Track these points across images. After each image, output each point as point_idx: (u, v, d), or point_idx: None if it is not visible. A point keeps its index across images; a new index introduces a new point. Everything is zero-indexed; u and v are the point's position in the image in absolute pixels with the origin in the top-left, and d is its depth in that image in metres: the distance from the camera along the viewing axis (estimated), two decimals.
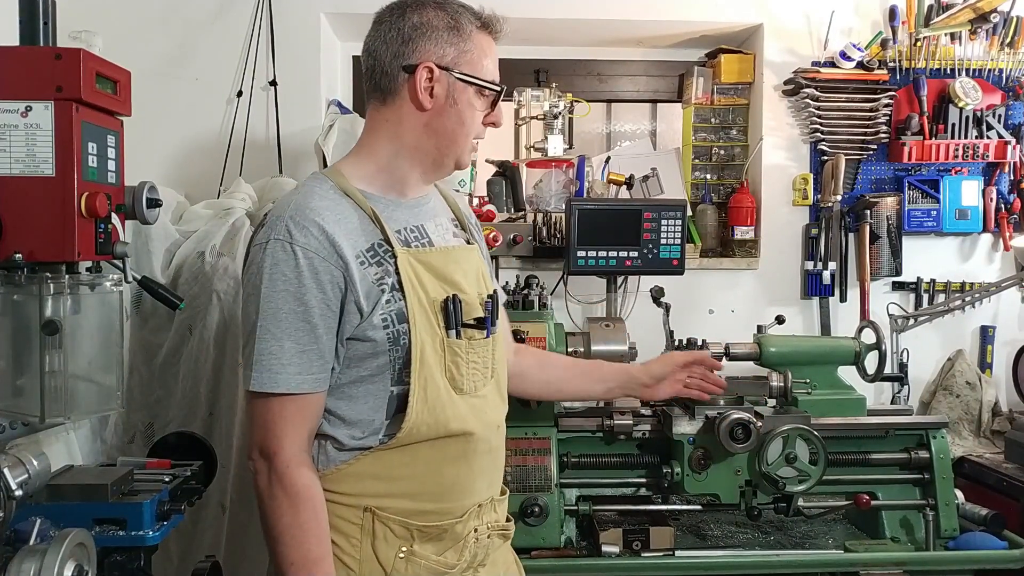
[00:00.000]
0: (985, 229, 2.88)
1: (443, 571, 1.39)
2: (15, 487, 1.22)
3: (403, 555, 1.36)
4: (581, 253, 2.43)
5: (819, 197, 2.86)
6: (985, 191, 2.86)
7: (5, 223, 1.43)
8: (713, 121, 3.00)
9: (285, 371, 1.29)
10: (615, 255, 2.44)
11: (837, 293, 2.88)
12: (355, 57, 2.98)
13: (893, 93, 2.83)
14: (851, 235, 2.87)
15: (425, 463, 1.37)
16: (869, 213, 2.83)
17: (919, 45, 2.82)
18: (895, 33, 2.82)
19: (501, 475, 1.54)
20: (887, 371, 2.35)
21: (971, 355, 2.89)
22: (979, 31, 2.80)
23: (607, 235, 2.43)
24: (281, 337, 1.28)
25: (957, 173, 2.85)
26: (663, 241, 2.44)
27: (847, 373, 2.33)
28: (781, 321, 2.36)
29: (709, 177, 3.01)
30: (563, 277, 2.70)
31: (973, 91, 2.79)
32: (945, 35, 2.81)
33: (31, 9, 1.50)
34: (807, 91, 2.80)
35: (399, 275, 1.34)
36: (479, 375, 1.43)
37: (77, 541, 1.21)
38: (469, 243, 1.55)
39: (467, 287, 1.43)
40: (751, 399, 2.19)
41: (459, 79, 1.39)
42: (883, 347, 2.26)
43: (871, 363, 2.30)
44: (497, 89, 1.43)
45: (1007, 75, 2.86)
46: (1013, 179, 2.89)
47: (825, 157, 2.85)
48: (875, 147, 2.85)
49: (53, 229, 1.44)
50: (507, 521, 1.56)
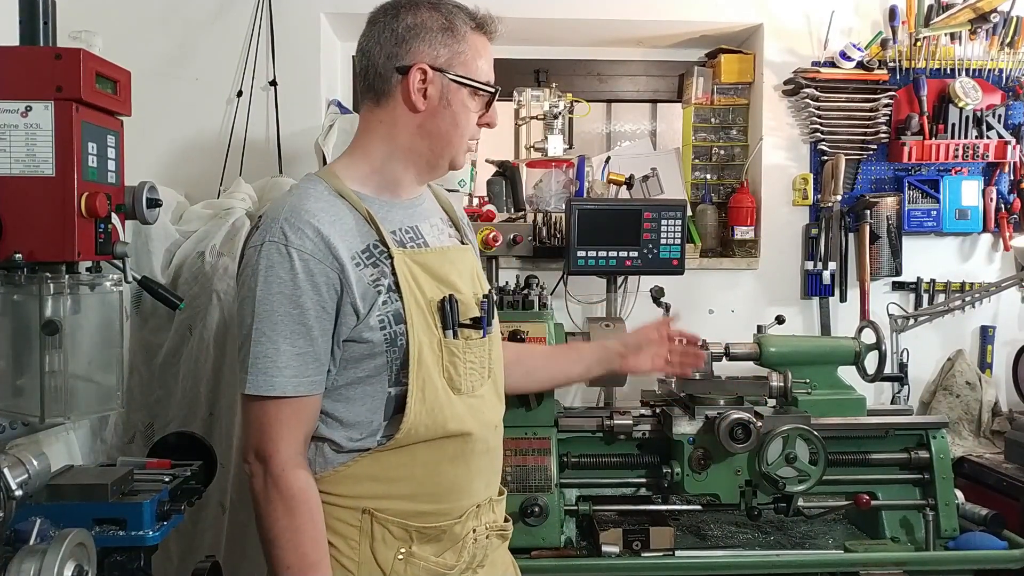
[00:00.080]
0: (985, 229, 2.88)
1: (442, 572, 1.39)
2: (15, 487, 1.22)
3: (402, 557, 1.36)
4: (581, 253, 2.43)
5: (819, 197, 2.86)
6: (985, 191, 2.86)
7: (5, 223, 1.43)
8: (713, 121, 3.00)
9: (281, 374, 1.28)
10: (615, 255, 2.44)
11: (837, 293, 2.88)
12: (355, 57, 2.96)
13: (893, 93, 2.82)
14: (851, 235, 2.87)
15: (423, 464, 1.37)
16: (869, 213, 2.82)
17: (919, 45, 2.81)
18: (895, 33, 2.82)
19: (499, 475, 1.54)
20: (887, 371, 2.36)
21: (971, 355, 2.89)
22: (979, 31, 2.80)
23: (607, 235, 2.43)
24: (277, 340, 1.28)
25: (957, 173, 2.85)
26: (663, 241, 2.43)
27: (847, 373, 2.33)
28: (781, 321, 2.37)
29: (709, 177, 3.01)
30: (563, 277, 2.70)
31: (973, 91, 2.78)
32: (945, 35, 2.81)
33: (31, 9, 1.50)
34: (807, 91, 2.80)
35: (395, 276, 1.34)
36: (476, 375, 1.43)
37: (77, 541, 1.21)
38: (463, 243, 1.55)
39: (463, 287, 1.43)
40: (751, 399, 2.19)
41: (453, 80, 1.39)
42: (883, 347, 2.26)
43: (871, 363, 2.30)
44: (491, 90, 1.43)
45: (1007, 75, 2.85)
46: (1013, 179, 2.89)
47: (825, 157, 2.85)
48: (875, 147, 2.85)
49: (53, 229, 1.44)
50: (505, 521, 1.55)
